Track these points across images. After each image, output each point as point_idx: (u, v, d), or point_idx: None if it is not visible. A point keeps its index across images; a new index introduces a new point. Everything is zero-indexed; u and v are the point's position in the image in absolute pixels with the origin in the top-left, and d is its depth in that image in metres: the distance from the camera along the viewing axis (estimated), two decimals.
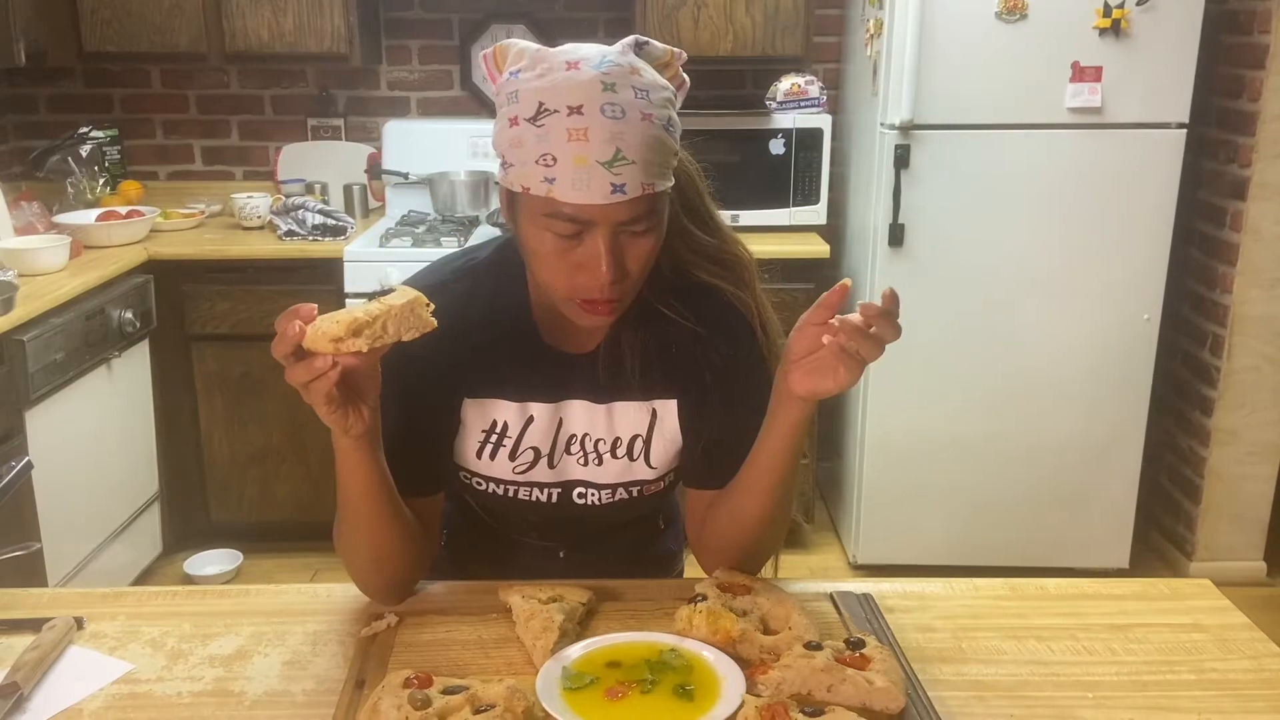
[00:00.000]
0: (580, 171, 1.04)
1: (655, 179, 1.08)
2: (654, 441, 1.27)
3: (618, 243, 1.09)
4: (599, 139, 1.04)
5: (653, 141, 1.07)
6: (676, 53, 1.17)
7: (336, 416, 1.04)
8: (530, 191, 1.08)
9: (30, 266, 2.77)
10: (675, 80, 1.16)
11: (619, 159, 1.04)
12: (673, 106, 1.12)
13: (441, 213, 3.43)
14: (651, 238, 1.12)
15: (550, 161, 1.05)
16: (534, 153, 1.06)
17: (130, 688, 1.06)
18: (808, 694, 1.01)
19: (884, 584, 1.25)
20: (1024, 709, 1.02)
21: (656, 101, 1.09)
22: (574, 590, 1.17)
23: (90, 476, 2.87)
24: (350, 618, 1.18)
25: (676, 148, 1.12)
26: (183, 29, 3.27)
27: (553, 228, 1.09)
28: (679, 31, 3.25)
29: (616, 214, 1.07)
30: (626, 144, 1.05)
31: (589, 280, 1.10)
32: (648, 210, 1.09)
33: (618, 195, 1.05)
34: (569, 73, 1.06)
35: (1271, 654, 1.12)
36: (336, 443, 1.10)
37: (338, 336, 0.99)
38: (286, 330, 1.00)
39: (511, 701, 0.95)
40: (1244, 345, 3.14)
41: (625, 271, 1.11)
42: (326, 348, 1.00)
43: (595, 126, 1.04)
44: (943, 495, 3.25)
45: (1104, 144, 3.00)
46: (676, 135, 1.12)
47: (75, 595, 1.25)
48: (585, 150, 1.04)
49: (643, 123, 1.06)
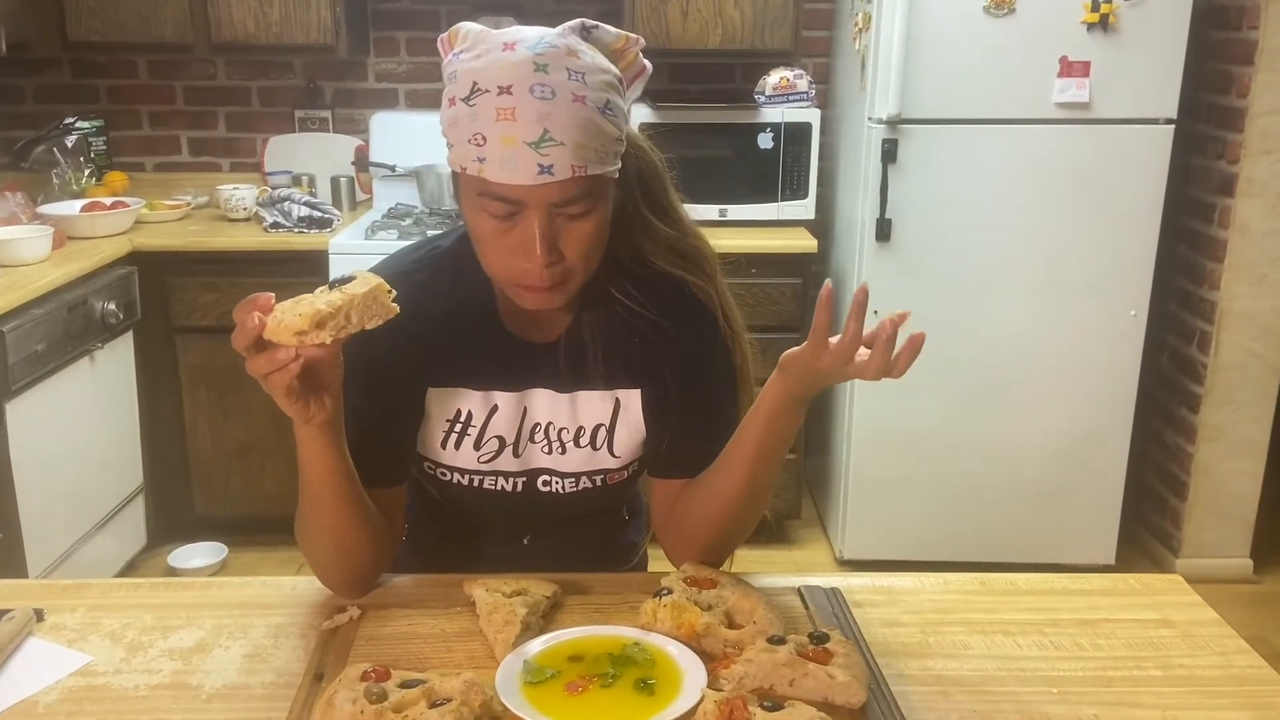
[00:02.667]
0: (508, 151, 1.04)
1: (588, 162, 1.07)
2: (618, 430, 1.27)
3: (553, 225, 1.09)
4: (526, 119, 1.04)
5: (585, 124, 1.06)
6: (632, 38, 1.16)
7: (298, 407, 1.04)
8: (466, 172, 1.08)
9: (12, 257, 2.76)
10: (633, 68, 1.16)
11: (546, 140, 1.04)
12: (615, 91, 1.11)
13: (428, 205, 3.42)
14: (589, 222, 1.11)
15: (481, 141, 1.05)
16: (467, 132, 1.06)
17: (88, 680, 1.05)
18: (770, 688, 1.00)
19: (853, 578, 1.25)
20: (988, 704, 1.02)
21: (593, 84, 1.07)
22: (539, 584, 1.16)
23: (73, 468, 2.85)
24: (314, 611, 1.17)
25: (619, 133, 1.11)
26: (168, 19, 3.25)
27: (487, 208, 1.09)
28: (667, 25, 3.23)
29: (547, 195, 1.06)
30: (555, 125, 1.04)
31: (525, 263, 1.10)
32: (582, 193, 1.08)
33: (545, 176, 1.05)
34: (504, 53, 1.07)
35: (1240, 650, 1.12)
36: (297, 431, 1.09)
37: (301, 330, 0.98)
38: (245, 322, 0.99)
39: (469, 695, 0.94)
40: (1231, 342, 3.13)
41: (561, 255, 1.10)
42: (289, 340, 0.98)
43: (523, 106, 1.04)
44: (929, 491, 3.24)
45: (1092, 139, 2.99)
46: (619, 120, 1.11)
47: (38, 586, 1.25)
48: (513, 130, 1.04)
49: (574, 104, 1.05)
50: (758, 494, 1.21)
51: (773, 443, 1.16)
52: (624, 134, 1.14)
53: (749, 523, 1.25)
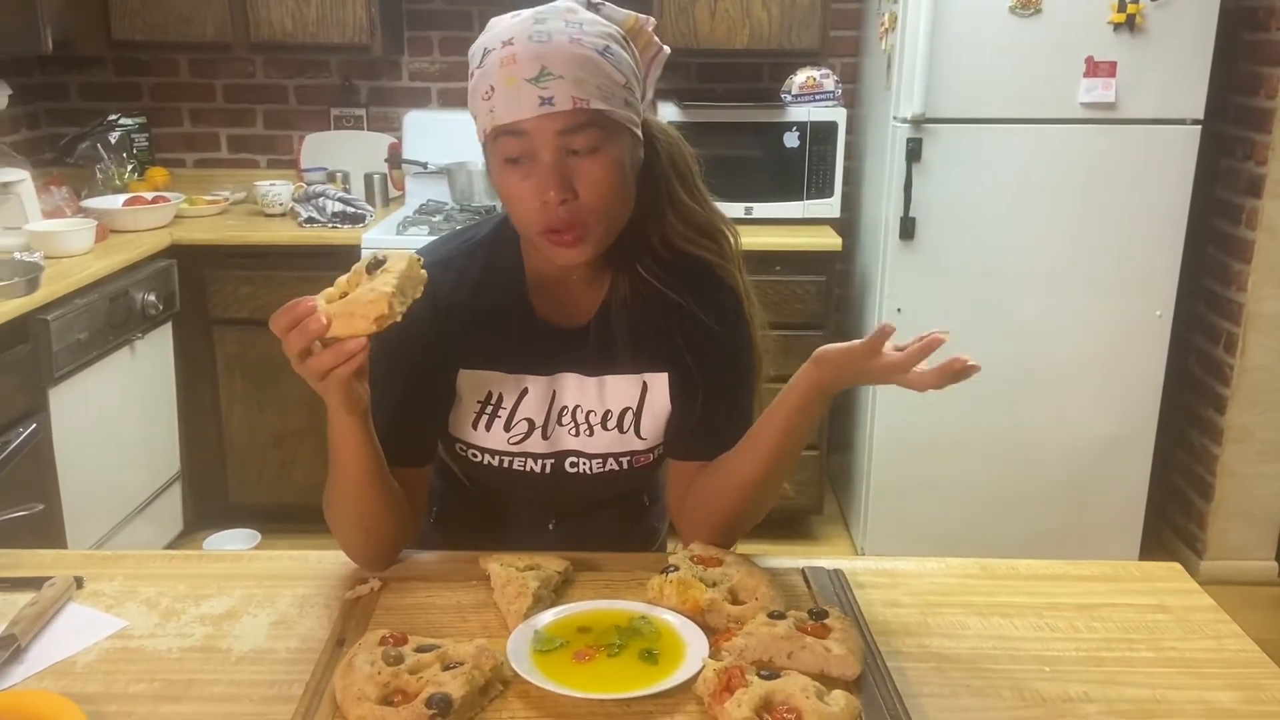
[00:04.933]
0: (511, 90, 1.12)
1: (589, 95, 1.13)
2: (644, 414, 1.31)
3: (564, 163, 1.15)
4: (525, 60, 1.12)
5: (582, 60, 1.13)
6: (643, 18, 1.23)
7: (350, 397, 1.10)
8: (485, 131, 1.16)
9: (56, 249, 2.85)
10: (650, 48, 1.23)
11: (544, 74, 1.11)
12: (616, 42, 1.17)
13: (459, 202, 3.48)
14: (601, 161, 1.16)
15: (489, 93, 1.13)
16: (480, 91, 1.14)
17: (124, 643, 1.11)
18: (768, 660, 1.04)
19: (856, 561, 1.28)
20: (981, 680, 1.05)
21: (590, 32, 1.15)
22: (551, 559, 1.21)
23: (112, 454, 2.94)
24: (337, 582, 1.23)
25: (624, 79, 1.17)
26: (209, 18, 3.34)
27: (506, 152, 1.15)
28: (695, 24, 3.28)
29: (551, 124, 1.12)
30: (551, 61, 1.12)
31: (543, 202, 1.15)
32: (586, 124, 1.13)
33: (546, 107, 1.11)
34: (510, 20, 1.16)
35: (1234, 634, 1.14)
36: (336, 421, 1.14)
37: (381, 314, 1.03)
38: (307, 325, 1.03)
39: (480, 660, 0.99)
40: (1258, 343, 3.12)
41: (575, 193, 1.15)
42: (369, 329, 1.03)
43: (521, 51, 1.12)
44: (951, 489, 3.26)
45: (1118, 139, 3.00)
46: (623, 68, 1.17)
47: (77, 556, 1.31)
48: (514, 72, 1.12)
49: (569, 44, 1.13)
50: (775, 480, 1.25)
51: (796, 431, 1.20)
52: (634, 86, 1.19)
53: (763, 507, 1.29)
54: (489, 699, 0.99)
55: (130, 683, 1.03)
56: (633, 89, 1.18)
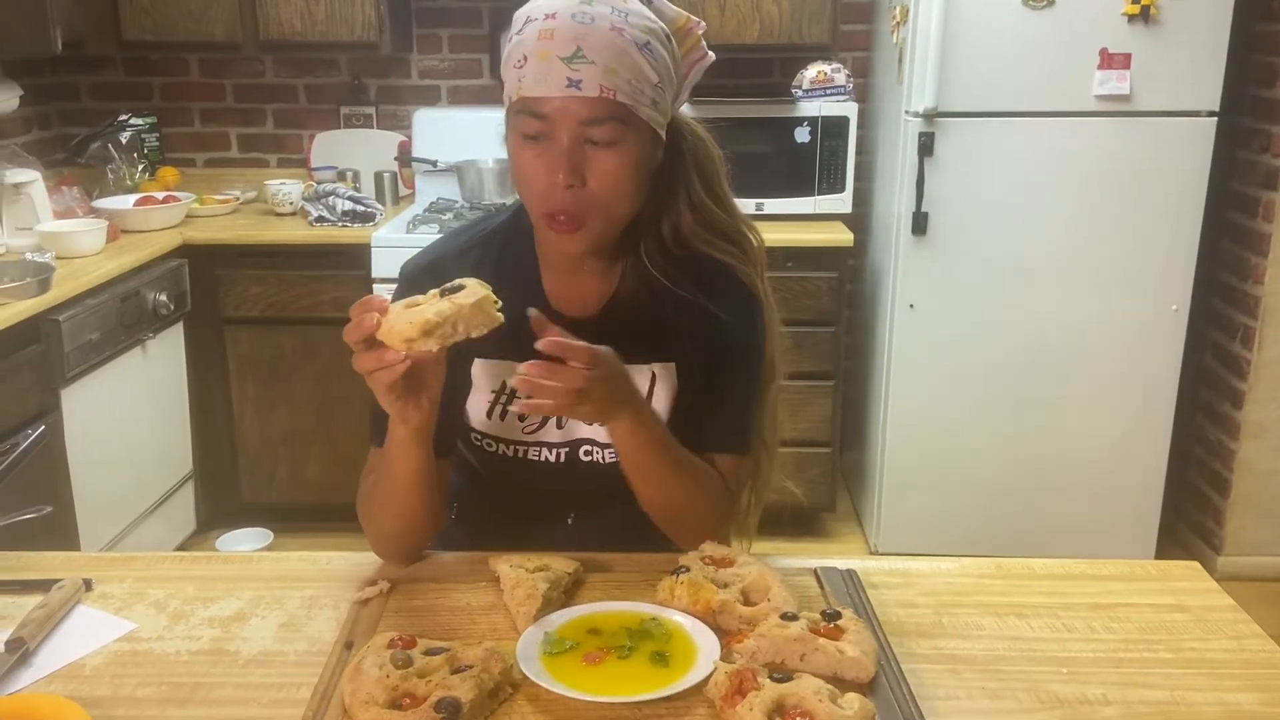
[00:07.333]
0: (542, 65, 1.12)
1: (618, 87, 1.12)
2: (654, 404, 1.31)
3: (579, 149, 1.14)
4: (563, 38, 1.12)
5: (618, 51, 1.12)
6: (695, 20, 1.23)
7: (399, 406, 1.10)
8: (511, 99, 1.16)
9: (68, 249, 2.85)
10: (696, 52, 1.23)
11: (578, 56, 1.11)
12: (659, 40, 1.17)
13: (469, 200, 3.48)
14: (616, 156, 1.15)
15: (522, 62, 1.14)
16: (514, 58, 1.15)
17: (132, 645, 1.10)
18: (781, 662, 1.03)
19: (870, 561, 1.27)
20: (997, 682, 1.04)
21: (635, 24, 1.14)
22: (561, 560, 1.20)
23: (125, 454, 2.95)
24: (346, 584, 1.22)
25: (657, 79, 1.16)
26: (218, 18, 3.33)
27: (523, 127, 1.15)
28: (705, 19, 3.22)
29: (574, 109, 1.12)
30: (588, 45, 1.11)
31: (550, 182, 1.15)
32: (609, 116, 1.13)
33: (572, 90, 1.11)
34: None
35: (1254, 634, 1.12)
36: (392, 428, 1.15)
37: (410, 337, 1.03)
38: (363, 321, 1.05)
39: (489, 663, 0.98)
40: (1275, 337, 3.09)
41: (584, 180, 1.15)
42: (399, 345, 1.04)
43: (562, 27, 1.12)
44: (965, 485, 3.24)
45: (1132, 132, 2.97)
46: (659, 67, 1.16)
47: (86, 558, 1.30)
48: (549, 47, 1.12)
49: (610, 32, 1.12)
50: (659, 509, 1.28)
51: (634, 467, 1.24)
52: (666, 88, 1.18)
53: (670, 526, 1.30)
54: (498, 702, 0.98)
55: (138, 686, 1.03)
56: (664, 89, 1.18)
